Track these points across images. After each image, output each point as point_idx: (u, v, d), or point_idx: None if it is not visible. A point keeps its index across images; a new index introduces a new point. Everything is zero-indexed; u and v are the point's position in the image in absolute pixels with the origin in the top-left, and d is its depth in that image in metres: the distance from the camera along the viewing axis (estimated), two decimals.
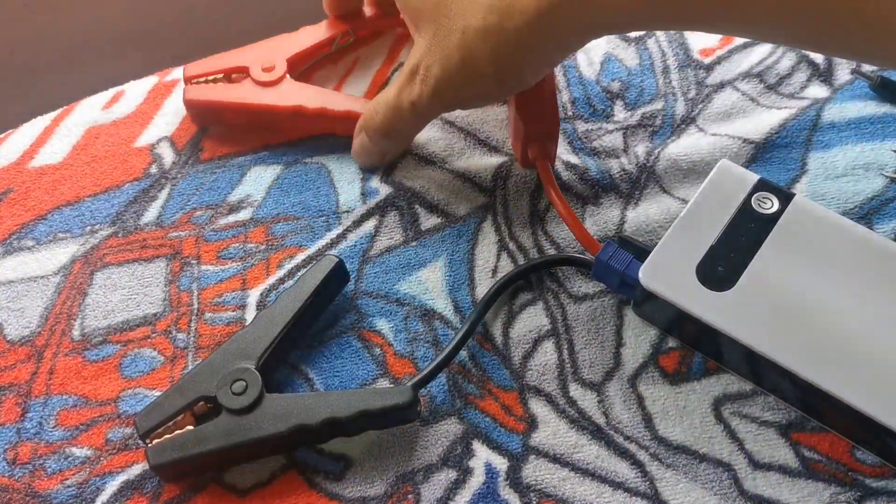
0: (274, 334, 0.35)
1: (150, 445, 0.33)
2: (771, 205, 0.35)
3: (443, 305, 0.38)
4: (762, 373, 0.34)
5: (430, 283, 0.39)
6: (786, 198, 0.36)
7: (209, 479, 0.34)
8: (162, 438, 0.33)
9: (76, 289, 0.39)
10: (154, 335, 0.38)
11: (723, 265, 0.34)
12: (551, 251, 0.40)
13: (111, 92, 0.47)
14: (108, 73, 0.51)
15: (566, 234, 0.40)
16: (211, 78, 0.44)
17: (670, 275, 0.34)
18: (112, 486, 0.34)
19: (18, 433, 0.36)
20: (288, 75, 0.44)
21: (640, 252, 0.36)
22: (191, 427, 0.33)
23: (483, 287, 0.39)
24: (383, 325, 0.38)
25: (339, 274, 0.38)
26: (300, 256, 0.40)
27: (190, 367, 0.37)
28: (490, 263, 0.40)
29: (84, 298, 0.39)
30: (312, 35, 0.46)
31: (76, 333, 0.38)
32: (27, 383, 0.37)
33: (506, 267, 0.39)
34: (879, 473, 0.33)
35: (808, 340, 0.32)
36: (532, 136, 0.40)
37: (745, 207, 0.36)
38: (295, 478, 0.34)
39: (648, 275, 0.35)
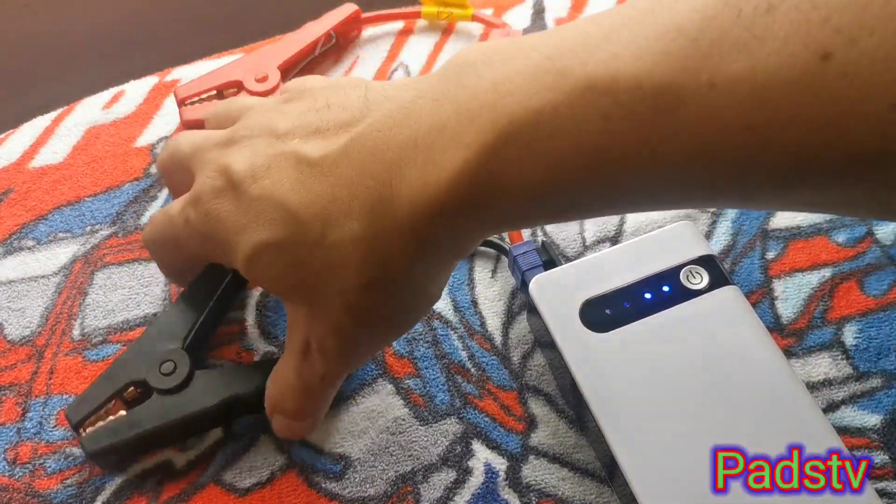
0: (197, 314, 0.35)
1: (83, 434, 0.33)
2: (700, 281, 0.33)
3: (442, 305, 0.38)
4: (585, 419, 0.33)
5: None
6: (718, 283, 0.33)
7: (209, 478, 0.34)
8: (95, 426, 0.33)
9: (76, 288, 0.39)
10: None
11: (612, 310, 0.33)
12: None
13: (111, 92, 0.47)
14: (108, 73, 0.51)
15: (566, 234, 0.40)
16: (205, 96, 0.44)
17: (557, 295, 0.34)
18: (112, 485, 0.34)
19: (19, 433, 0.36)
20: (282, 83, 0.44)
21: (551, 263, 0.36)
22: (123, 412, 0.33)
23: (483, 287, 0.39)
24: None
25: None
26: None
27: None
28: (489, 264, 0.40)
29: (84, 298, 0.39)
30: (296, 42, 0.46)
31: (76, 333, 0.38)
32: (27, 383, 0.37)
33: (505, 267, 0.39)
34: (879, 475, 0.33)
35: (634, 413, 0.31)
36: None
37: (673, 272, 0.34)
38: (294, 478, 0.34)
39: (538, 286, 0.34)
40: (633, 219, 0.40)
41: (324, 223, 0.27)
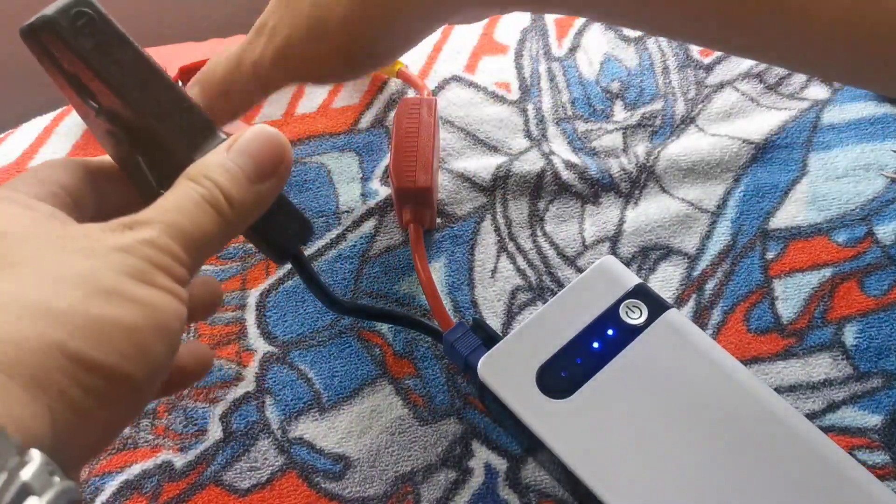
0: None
1: None
2: (639, 315, 0.33)
3: None
4: (578, 491, 0.31)
5: None
6: (658, 310, 0.33)
7: (209, 479, 0.34)
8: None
9: None
10: None
11: (567, 372, 0.32)
12: (550, 252, 0.40)
13: None
14: None
15: (565, 234, 0.40)
16: None
17: (509, 372, 0.32)
18: (111, 486, 0.34)
19: None
20: (179, 82, 0.43)
21: (491, 340, 0.34)
22: None
23: (482, 287, 0.39)
24: (383, 325, 0.38)
25: None
26: None
27: None
28: (489, 264, 0.40)
29: None
30: (211, 49, 0.45)
31: None
32: None
33: (505, 267, 0.39)
34: (879, 475, 0.33)
35: (623, 469, 0.30)
36: (405, 199, 0.39)
37: (611, 313, 0.33)
38: (294, 478, 0.34)
39: (487, 367, 0.32)
40: (633, 219, 0.40)
41: None
